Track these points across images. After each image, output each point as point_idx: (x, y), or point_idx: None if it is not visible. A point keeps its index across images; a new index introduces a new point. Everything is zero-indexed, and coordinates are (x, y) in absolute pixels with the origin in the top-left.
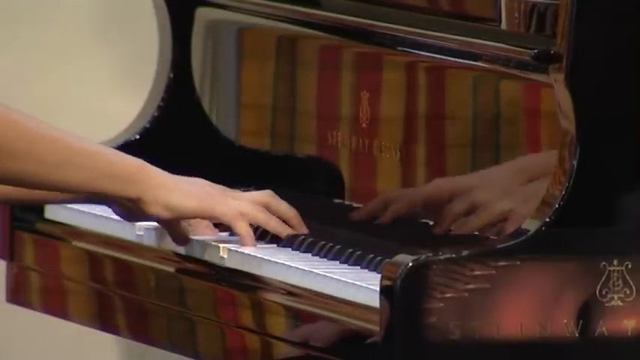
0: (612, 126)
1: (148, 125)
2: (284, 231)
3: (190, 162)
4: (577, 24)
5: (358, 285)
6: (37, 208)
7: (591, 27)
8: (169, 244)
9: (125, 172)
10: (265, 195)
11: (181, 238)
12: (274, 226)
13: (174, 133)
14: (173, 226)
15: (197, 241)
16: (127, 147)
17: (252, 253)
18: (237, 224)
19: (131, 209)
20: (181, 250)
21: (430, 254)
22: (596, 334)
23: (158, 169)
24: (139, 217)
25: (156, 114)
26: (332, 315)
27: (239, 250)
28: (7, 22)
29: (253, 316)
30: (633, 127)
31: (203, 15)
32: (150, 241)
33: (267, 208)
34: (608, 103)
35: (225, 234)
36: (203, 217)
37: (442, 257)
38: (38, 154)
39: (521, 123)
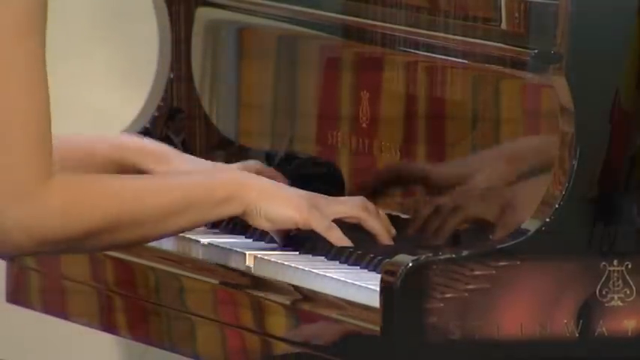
0: (612, 126)
1: (148, 125)
2: (384, 233)
3: None
4: (577, 24)
5: (358, 285)
6: None
7: (591, 27)
8: (169, 244)
9: (226, 194)
10: (360, 200)
11: (283, 239)
12: (374, 225)
13: (175, 133)
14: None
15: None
16: None
17: None
18: (332, 236)
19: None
20: (181, 250)
21: (430, 254)
22: (596, 334)
23: (252, 175)
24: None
25: (156, 114)
26: (332, 315)
27: (238, 250)
28: None
29: (253, 316)
30: (633, 127)
31: (203, 15)
32: None
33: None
34: (608, 103)
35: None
36: (302, 228)
37: (442, 257)
38: (150, 217)
39: (521, 123)
